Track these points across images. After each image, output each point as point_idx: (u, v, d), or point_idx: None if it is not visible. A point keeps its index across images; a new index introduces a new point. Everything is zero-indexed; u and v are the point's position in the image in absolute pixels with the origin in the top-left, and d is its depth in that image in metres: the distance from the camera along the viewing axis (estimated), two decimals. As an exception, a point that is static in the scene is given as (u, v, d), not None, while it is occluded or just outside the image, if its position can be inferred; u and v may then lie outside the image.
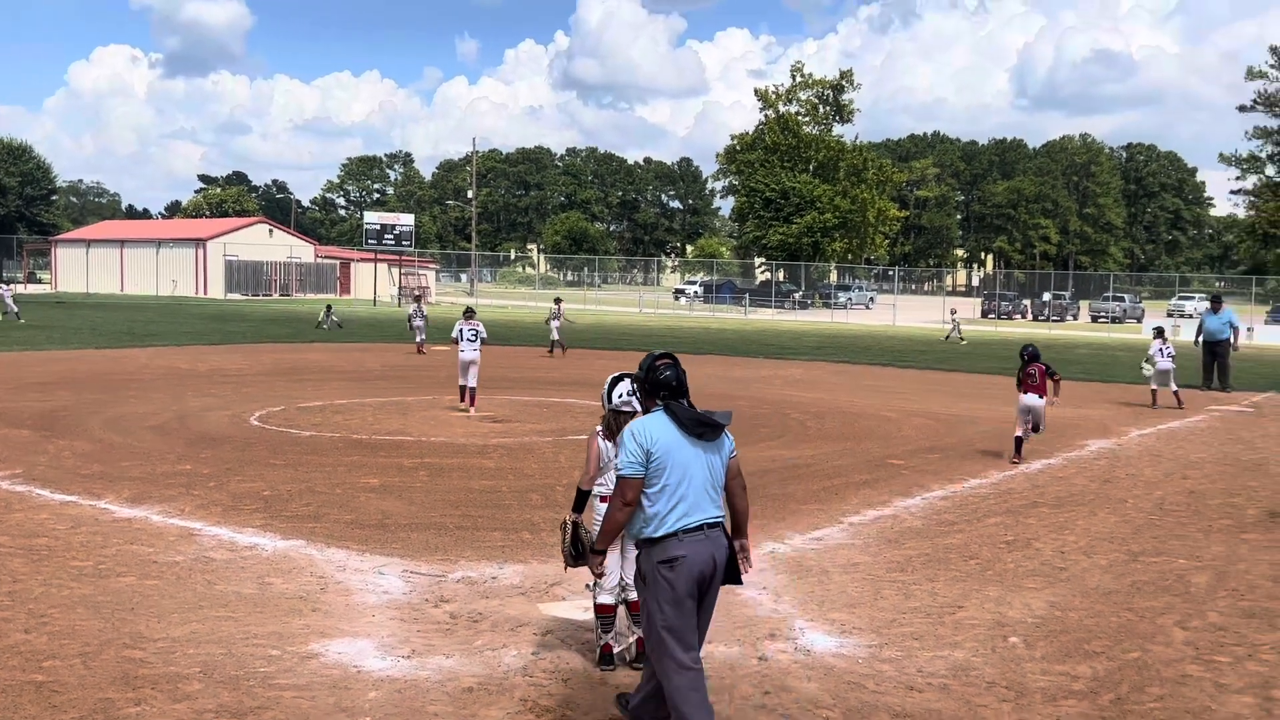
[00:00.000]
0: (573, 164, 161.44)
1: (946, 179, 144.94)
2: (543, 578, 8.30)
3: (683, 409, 5.39)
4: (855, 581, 8.48)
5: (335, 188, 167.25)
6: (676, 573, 5.18)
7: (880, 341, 43.32)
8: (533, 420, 17.34)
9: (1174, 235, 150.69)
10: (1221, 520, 11.06)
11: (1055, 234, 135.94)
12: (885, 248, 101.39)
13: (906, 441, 15.96)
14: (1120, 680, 6.47)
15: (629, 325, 51.15)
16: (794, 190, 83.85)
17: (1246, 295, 67.95)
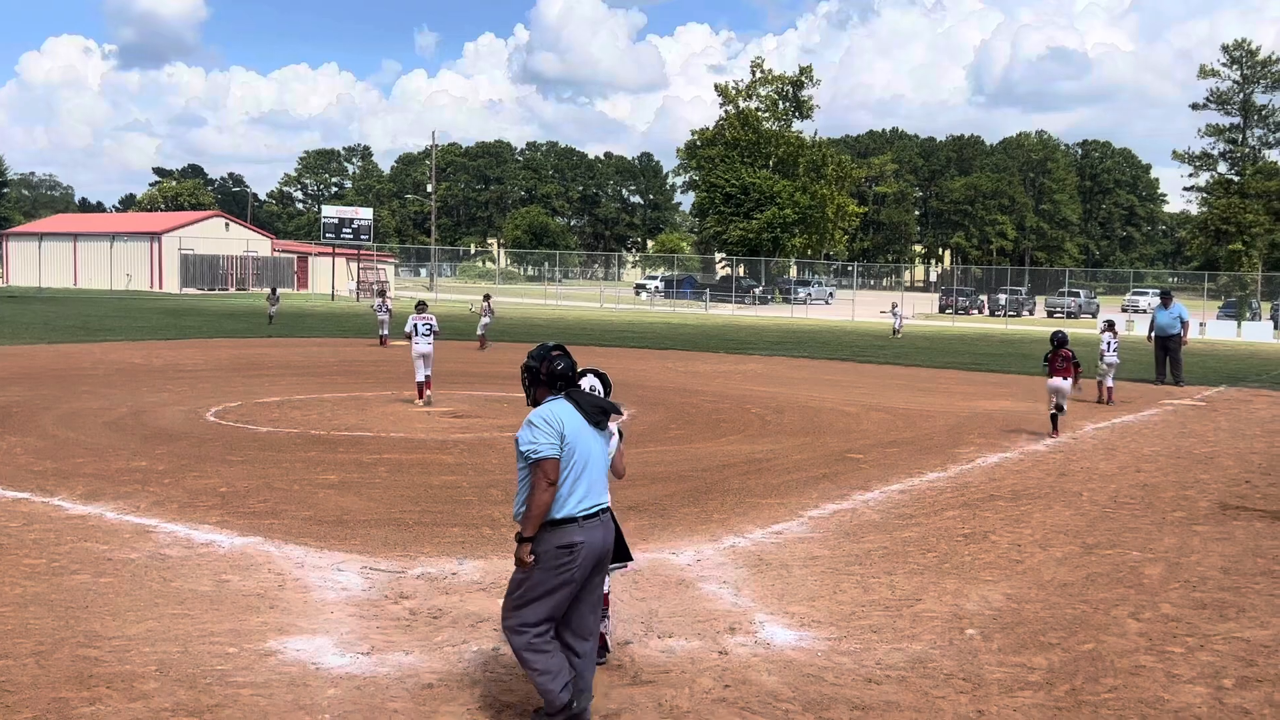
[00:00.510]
0: (533, 158, 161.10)
1: (905, 175, 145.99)
2: (504, 573, 8.27)
3: (585, 396, 5.63)
4: (815, 575, 8.53)
5: (293, 181, 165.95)
6: (575, 555, 5.39)
7: (839, 336, 43.57)
8: (493, 415, 17.29)
9: (1128, 231, 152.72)
10: (1174, 513, 11.22)
11: (1012, 230, 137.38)
12: (844, 243, 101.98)
13: (865, 436, 16.07)
14: (1075, 671, 6.56)
15: (590, 320, 51.10)
16: (754, 186, 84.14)
17: (1199, 291, 69.01)
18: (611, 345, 34.35)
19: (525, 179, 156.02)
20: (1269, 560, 9.31)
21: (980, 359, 33.21)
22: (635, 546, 9.05)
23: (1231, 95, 77.08)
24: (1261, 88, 76.70)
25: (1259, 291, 71.90)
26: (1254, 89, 76.73)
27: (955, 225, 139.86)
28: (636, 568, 8.30)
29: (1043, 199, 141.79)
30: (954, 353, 35.81)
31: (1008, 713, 5.89)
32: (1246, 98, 76.79)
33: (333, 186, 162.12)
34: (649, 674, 6.32)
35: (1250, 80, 76.61)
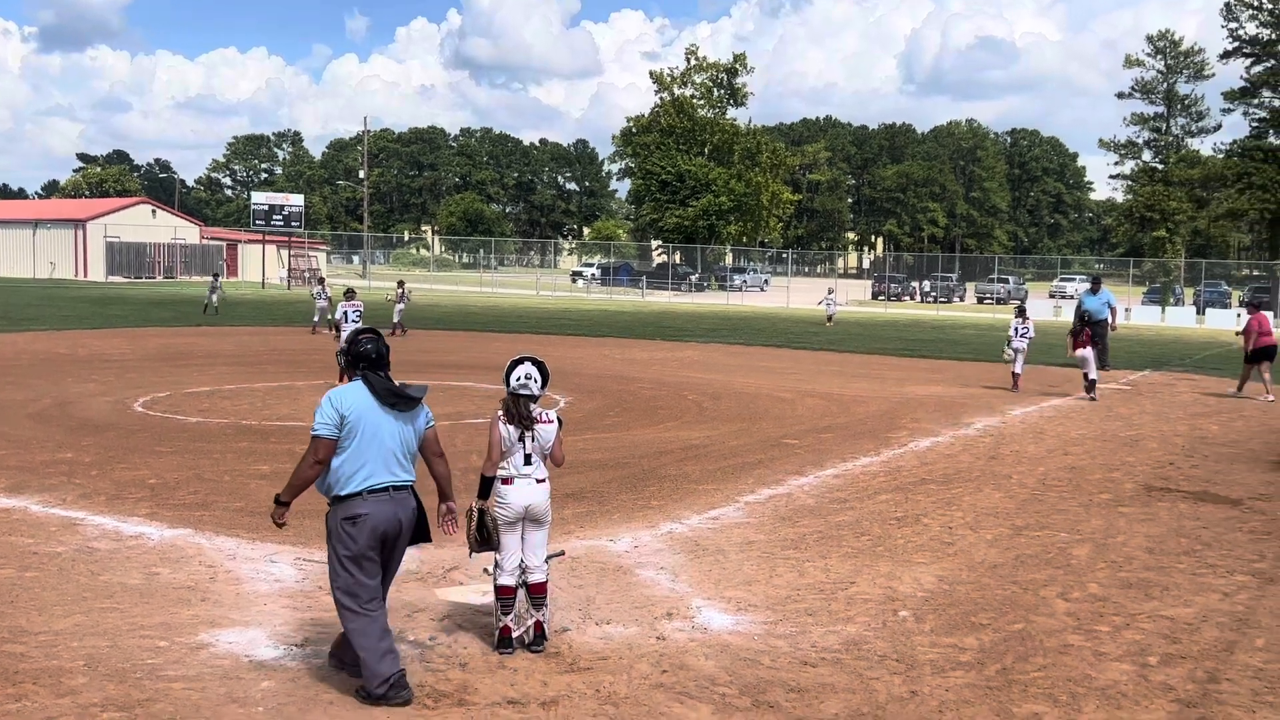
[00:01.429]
0: (467, 144, 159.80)
1: (838, 163, 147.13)
2: (440, 563, 8.24)
3: (379, 379, 5.89)
4: (751, 560, 8.59)
5: (221, 167, 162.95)
6: (358, 528, 5.71)
7: (775, 323, 43.85)
8: (428, 404, 17.15)
9: (1056, 218, 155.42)
10: (1101, 495, 11.47)
11: (943, 217, 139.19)
12: (779, 231, 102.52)
13: (800, 421, 16.20)
14: (1005, 651, 6.68)
15: (526, 308, 50.91)
16: (689, 173, 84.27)
17: (1124, 277, 70.41)
18: (548, 333, 34.26)
19: (459, 165, 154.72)
20: (1191, 540, 9.56)
21: (912, 345, 33.65)
22: (573, 535, 9.07)
23: (1155, 85, 78.41)
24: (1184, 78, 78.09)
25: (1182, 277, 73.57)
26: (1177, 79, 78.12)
27: (888, 213, 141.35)
28: (574, 555, 8.31)
29: (973, 187, 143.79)
30: (887, 339, 36.23)
31: (940, 693, 5.99)
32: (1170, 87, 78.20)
33: (263, 173, 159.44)
34: (587, 661, 6.33)
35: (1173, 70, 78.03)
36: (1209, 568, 8.66)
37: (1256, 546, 9.39)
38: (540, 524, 6.53)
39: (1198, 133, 79.20)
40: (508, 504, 6.43)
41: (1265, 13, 69.39)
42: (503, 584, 6.46)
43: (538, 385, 6.49)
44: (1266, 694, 6.07)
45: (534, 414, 6.48)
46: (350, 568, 5.75)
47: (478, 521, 6.46)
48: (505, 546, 6.47)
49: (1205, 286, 68.30)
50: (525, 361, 6.57)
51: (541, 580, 6.52)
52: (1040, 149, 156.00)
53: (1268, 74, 69.88)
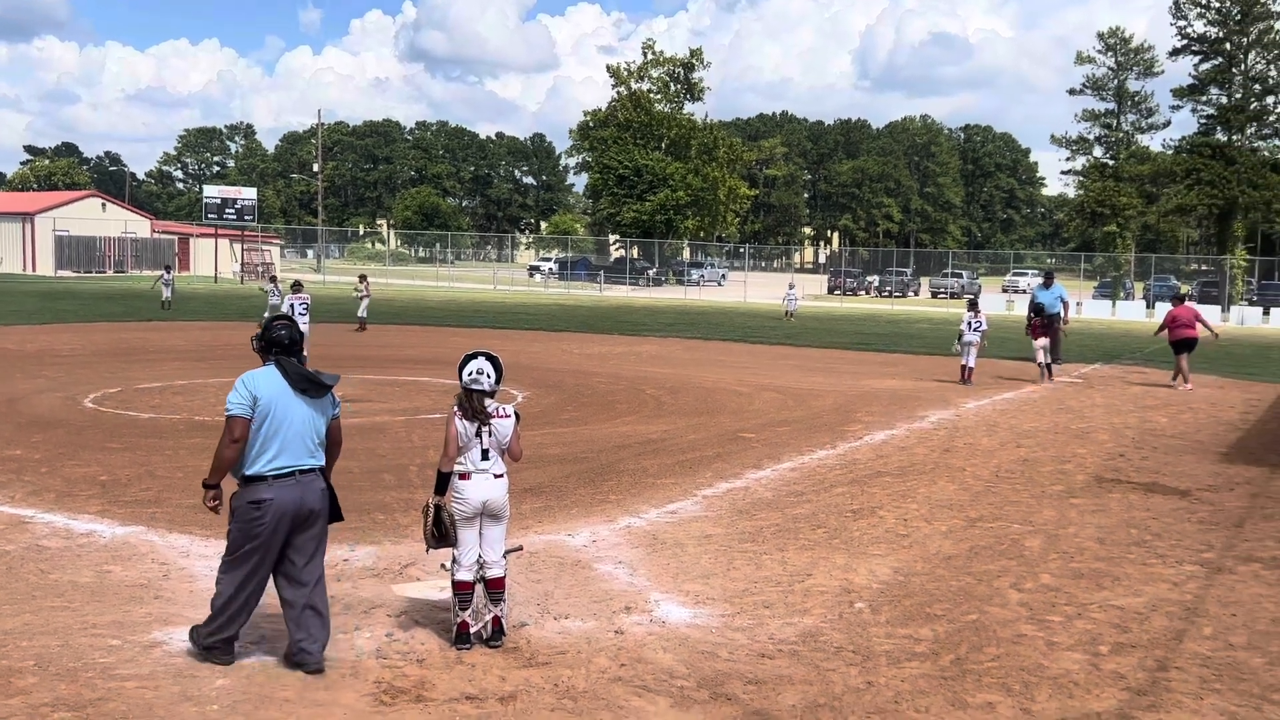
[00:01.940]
0: (423, 138, 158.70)
1: (794, 158, 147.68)
2: (396, 559, 8.20)
3: (291, 365, 6.07)
4: (709, 553, 8.62)
5: (172, 160, 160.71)
6: (263, 511, 5.86)
7: (732, 318, 43.99)
8: (384, 399, 17.06)
9: (1009, 214, 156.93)
10: (1053, 486, 11.62)
11: (897, 212, 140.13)
12: (736, 225, 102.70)
13: (758, 415, 16.27)
14: (960, 641, 6.76)
15: (484, 302, 50.70)
16: (647, 168, 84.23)
17: (1076, 271, 71.39)
18: (505, 327, 34.15)
19: (415, 159, 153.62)
20: (1141, 531, 9.71)
21: (868, 339, 33.89)
22: (531, 529, 9.05)
23: (1106, 82, 79.38)
24: (1134, 75, 79.11)
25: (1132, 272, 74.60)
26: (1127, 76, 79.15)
27: (843, 208, 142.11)
28: (532, 550, 8.30)
29: (927, 182, 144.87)
30: (843, 333, 36.46)
31: (896, 683, 6.05)
32: (1120, 84, 79.21)
33: (215, 166, 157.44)
34: (545, 655, 6.33)
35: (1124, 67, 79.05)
36: (1158, 558, 8.80)
37: (1204, 536, 9.55)
38: (498, 519, 6.52)
39: (1147, 129, 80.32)
40: (465, 499, 6.41)
41: (1213, 11, 70.52)
42: (460, 579, 6.44)
43: (491, 380, 6.47)
44: (1214, 681, 6.18)
45: (491, 409, 6.46)
46: (248, 546, 5.90)
47: (434, 517, 6.43)
48: (463, 542, 6.45)
49: (1155, 281, 69.30)
50: (478, 356, 6.55)
51: (500, 575, 6.51)
52: (993, 145, 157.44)
53: (1215, 71, 71.03)
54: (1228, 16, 69.97)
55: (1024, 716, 5.65)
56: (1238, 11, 69.52)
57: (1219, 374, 24.87)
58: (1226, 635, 6.96)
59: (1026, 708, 5.75)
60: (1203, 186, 68.67)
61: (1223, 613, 7.41)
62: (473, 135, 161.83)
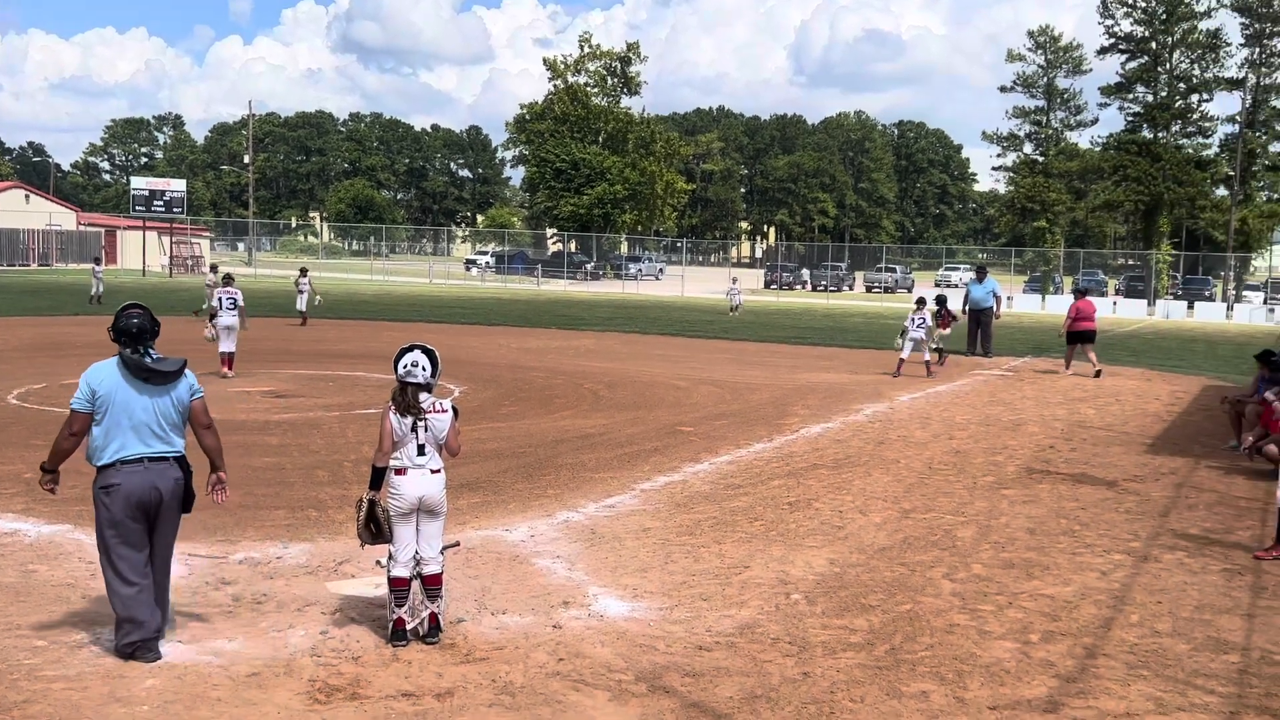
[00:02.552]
0: (356, 129, 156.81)
1: (731, 153, 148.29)
2: (331, 556, 8.11)
3: (131, 356, 6.17)
4: (647, 547, 8.64)
5: (99, 151, 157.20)
6: (112, 498, 6.02)
7: (670, 312, 44.08)
8: (318, 394, 16.86)
9: (941, 209, 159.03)
10: (984, 478, 11.80)
11: (833, 207, 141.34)
12: (674, 220, 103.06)
13: (696, 409, 16.33)
14: (894, 631, 6.84)
15: (419, 296, 50.27)
16: (584, 161, 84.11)
17: (1007, 266, 72.46)
18: (442, 321, 33.90)
19: (348, 151, 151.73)
20: (1070, 521, 9.90)
21: (804, 333, 34.15)
22: (468, 525, 9.01)
23: (1036, 79, 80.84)
24: (1063, 72, 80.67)
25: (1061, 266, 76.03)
26: (1056, 73, 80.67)
27: (780, 203, 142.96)
28: (469, 545, 8.25)
29: (861, 178, 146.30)
30: (779, 327, 36.71)
31: (831, 673, 6.11)
32: (1050, 82, 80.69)
33: (142, 157, 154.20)
34: (482, 651, 6.30)
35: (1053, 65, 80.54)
36: (1087, 547, 8.98)
37: (1131, 526, 9.76)
38: (435, 515, 6.47)
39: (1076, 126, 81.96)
40: (401, 495, 6.36)
41: (1139, 10, 72.03)
42: (396, 575, 6.39)
43: (426, 373, 6.42)
44: (1140, 668, 6.32)
45: (427, 404, 6.41)
46: (109, 535, 6.04)
47: (368, 513, 6.37)
48: (399, 538, 6.40)
49: (1083, 275, 70.67)
50: (414, 349, 6.50)
51: (437, 572, 6.47)
52: (926, 141, 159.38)
53: (1141, 70, 72.57)
54: (1153, 16, 71.53)
55: (957, 705, 5.74)
56: (1163, 11, 71.09)
57: (1145, 366, 25.43)
58: (1153, 622, 7.12)
59: (959, 696, 5.85)
60: (1129, 183, 70.18)
61: (1149, 600, 7.59)
62: (407, 127, 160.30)
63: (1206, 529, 9.71)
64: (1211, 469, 12.65)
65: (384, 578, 6.50)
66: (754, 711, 5.60)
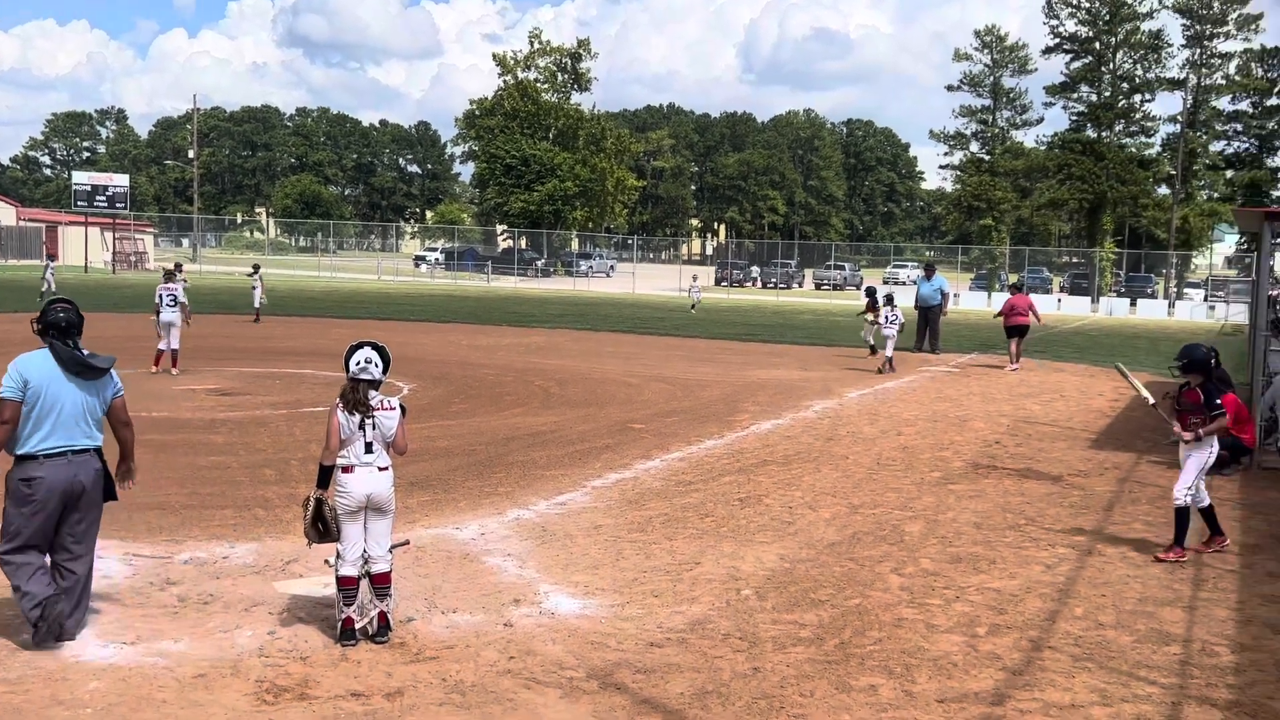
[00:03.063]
0: (303, 124, 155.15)
1: (681, 150, 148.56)
2: (278, 555, 8.03)
3: (64, 349, 6.24)
4: (598, 544, 8.64)
5: (39, 145, 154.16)
6: (34, 489, 6.08)
7: (621, 309, 44.08)
8: (265, 392, 16.68)
9: (889, 207, 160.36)
10: (931, 473, 11.93)
11: (782, 205, 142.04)
12: (624, 216, 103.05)
13: (647, 406, 16.35)
14: (843, 626, 6.90)
15: (367, 292, 49.86)
16: (535, 157, 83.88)
17: (954, 263, 73.25)
18: (391, 318, 33.64)
19: (295, 146, 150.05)
20: (1016, 515, 10.03)
21: (754, 330, 34.30)
22: (418, 523, 8.95)
23: (982, 79, 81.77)
24: (1009, 72, 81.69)
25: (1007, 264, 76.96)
26: (1002, 73, 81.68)
27: (730, 200, 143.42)
28: (419, 544, 8.21)
29: (810, 175, 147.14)
30: (730, 324, 36.84)
31: (781, 668, 6.15)
32: (996, 81, 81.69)
33: (84, 152, 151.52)
34: (433, 650, 6.27)
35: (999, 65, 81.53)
36: (1032, 541, 9.11)
37: (1075, 520, 9.91)
38: (383, 513, 6.43)
39: (1022, 125, 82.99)
40: (349, 493, 6.31)
41: (1084, 11, 73.11)
42: (344, 574, 6.34)
43: (378, 370, 6.39)
44: (1085, 660, 6.42)
45: (375, 401, 6.37)
46: (20, 524, 6.08)
47: (316, 511, 6.32)
48: (347, 536, 6.35)
49: (1028, 273, 71.60)
50: (365, 346, 6.46)
51: (385, 570, 6.42)
52: (874, 139, 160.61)
53: (1085, 70, 73.70)
54: (1097, 16, 72.66)
55: (905, 698, 5.80)
56: (1106, 12, 72.23)
57: (1089, 363, 25.82)
58: (1096, 615, 7.23)
59: (908, 689, 5.90)
60: (1073, 181, 71.30)
61: (1093, 593, 7.71)
62: (355, 122, 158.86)
63: (1149, 523, 9.88)
64: (1154, 464, 12.87)
65: (332, 577, 6.45)
66: (705, 707, 5.62)
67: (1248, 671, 6.28)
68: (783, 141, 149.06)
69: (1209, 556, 8.73)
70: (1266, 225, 12.70)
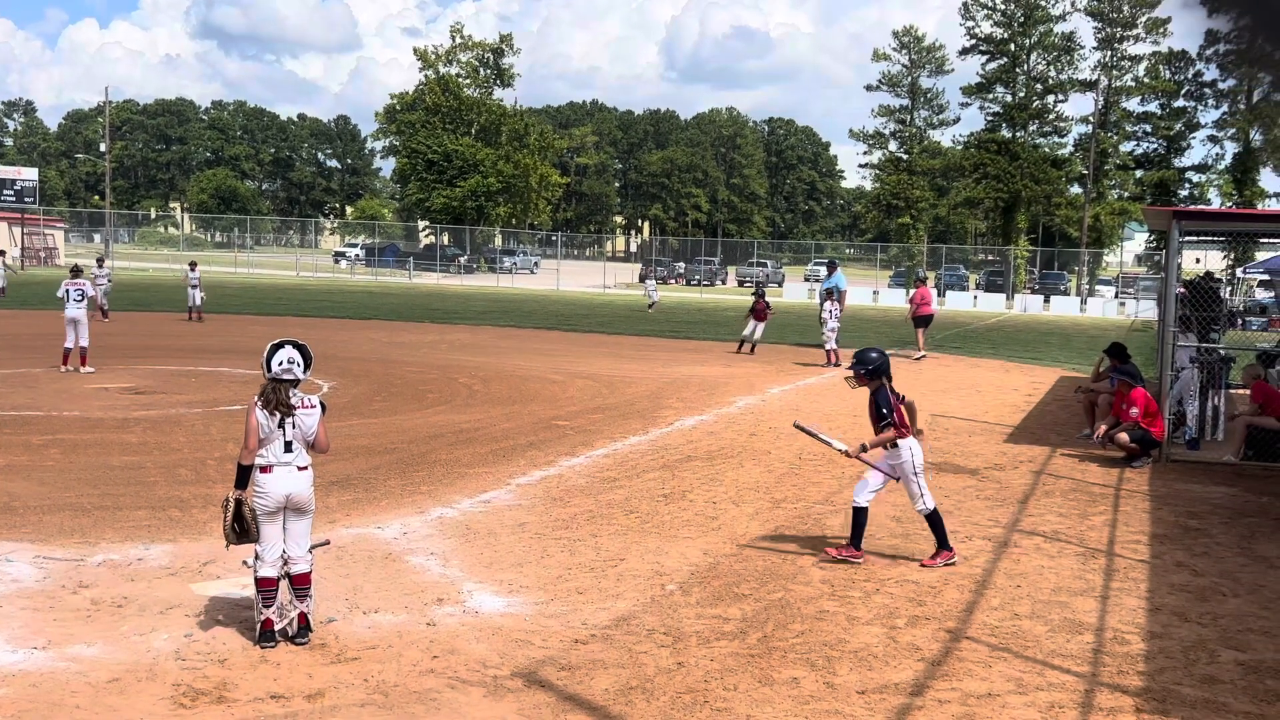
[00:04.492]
0: (219, 118, 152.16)
1: (605, 147, 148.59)
2: (195, 556, 7.88)
3: None
4: (523, 541, 8.62)
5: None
6: None
7: (545, 305, 43.96)
8: (180, 391, 16.34)
9: (810, 205, 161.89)
10: (852, 468, 12.06)
11: (705, 202, 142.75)
12: (548, 213, 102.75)
13: (571, 402, 16.33)
14: (767, 619, 6.96)
15: (286, 288, 49.10)
16: (457, 153, 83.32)
17: (873, 261, 74.28)
18: (311, 315, 33.17)
19: (211, 139, 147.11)
20: (934, 508, 10.18)
21: (678, 327, 34.43)
22: (339, 523, 8.85)
23: (901, 79, 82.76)
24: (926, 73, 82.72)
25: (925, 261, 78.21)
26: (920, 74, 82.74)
27: (653, 197, 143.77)
28: (340, 544, 8.11)
29: (733, 173, 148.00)
30: (655, 321, 36.93)
31: (705, 662, 6.19)
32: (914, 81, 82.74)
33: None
34: (354, 650, 6.21)
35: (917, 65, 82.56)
36: (950, 533, 9.26)
37: (992, 513, 10.11)
38: (303, 513, 6.35)
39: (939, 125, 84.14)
40: (267, 493, 6.22)
41: (999, 13, 74.52)
42: (264, 576, 6.24)
43: (301, 369, 6.31)
44: (1001, 650, 6.56)
45: (295, 400, 6.29)
46: None
47: (234, 512, 6.22)
48: (266, 537, 6.26)
49: (945, 270, 72.78)
50: (286, 345, 6.36)
51: (305, 571, 6.34)
52: (796, 138, 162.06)
53: (1000, 71, 75.13)
54: (1011, 19, 74.11)
55: (827, 690, 5.87)
56: (1020, 14, 73.70)
57: (1004, 358, 26.35)
58: (1012, 605, 7.39)
59: (829, 681, 5.98)
60: (989, 180, 72.63)
61: (1008, 584, 7.87)
62: (273, 116, 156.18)
63: (1062, 514, 10.12)
64: (1067, 457, 13.18)
65: (250, 578, 6.35)
66: (629, 703, 5.63)
67: (1157, 659, 6.46)
68: (705, 139, 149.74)
69: (1122, 548, 8.96)
70: (1174, 223, 13.05)
